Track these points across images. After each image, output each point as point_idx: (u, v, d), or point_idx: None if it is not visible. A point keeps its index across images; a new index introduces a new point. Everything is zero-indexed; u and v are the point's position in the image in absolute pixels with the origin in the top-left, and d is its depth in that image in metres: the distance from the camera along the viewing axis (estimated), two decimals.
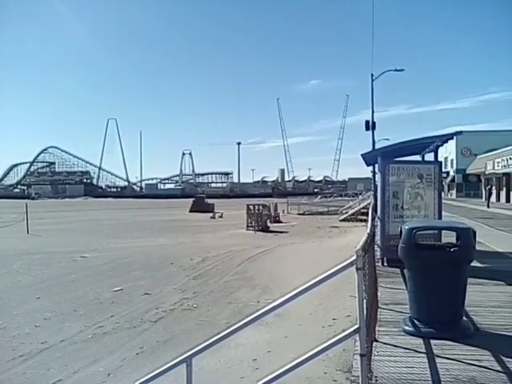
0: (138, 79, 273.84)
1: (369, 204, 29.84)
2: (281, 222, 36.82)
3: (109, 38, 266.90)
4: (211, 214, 44.89)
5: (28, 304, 11.80)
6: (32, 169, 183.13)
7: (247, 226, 31.17)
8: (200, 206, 53.30)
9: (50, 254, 20.09)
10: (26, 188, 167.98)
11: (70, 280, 14.75)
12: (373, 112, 34.34)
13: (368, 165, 18.49)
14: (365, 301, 3.78)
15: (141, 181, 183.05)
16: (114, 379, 7.05)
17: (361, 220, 33.00)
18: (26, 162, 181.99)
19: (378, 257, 9.65)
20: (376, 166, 13.53)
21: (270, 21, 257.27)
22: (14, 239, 26.58)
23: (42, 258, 19.28)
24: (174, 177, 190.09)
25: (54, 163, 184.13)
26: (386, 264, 9.69)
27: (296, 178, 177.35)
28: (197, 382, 4.05)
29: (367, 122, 33.90)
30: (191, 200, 58.60)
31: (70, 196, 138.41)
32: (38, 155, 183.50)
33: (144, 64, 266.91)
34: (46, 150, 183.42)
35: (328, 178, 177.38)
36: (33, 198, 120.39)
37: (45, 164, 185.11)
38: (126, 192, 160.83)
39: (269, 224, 32.67)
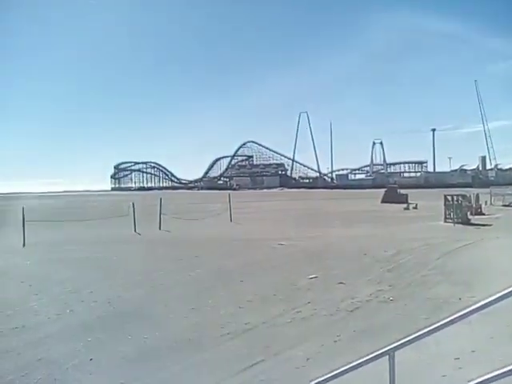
0: None
1: None
2: (483, 214, 33.77)
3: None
4: (405, 205, 43.46)
5: (232, 286, 12.86)
6: (233, 162, 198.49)
7: (445, 218, 29.43)
8: (392, 197, 52.01)
9: (249, 241, 21.77)
10: (228, 180, 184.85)
11: (271, 265, 15.71)
12: None
13: None
14: None
15: (331, 172, 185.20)
16: (313, 363, 7.19)
17: None
18: (228, 156, 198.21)
19: None
20: None
21: None
22: (220, 227, 29.69)
23: (242, 244, 21.04)
24: (364, 167, 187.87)
25: (251, 157, 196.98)
26: None
27: (499, 166, 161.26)
28: (398, 375, 3.97)
29: None
30: (383, 190, 57.64)
31: (267, 187, 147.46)
32: (237, 150, 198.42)
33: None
34: (244, 144, 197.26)
35: None
36: (234, 189, 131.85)
37: (244, 157, 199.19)
38: (317, 183, 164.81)
39: (469, 216, 30.38)
